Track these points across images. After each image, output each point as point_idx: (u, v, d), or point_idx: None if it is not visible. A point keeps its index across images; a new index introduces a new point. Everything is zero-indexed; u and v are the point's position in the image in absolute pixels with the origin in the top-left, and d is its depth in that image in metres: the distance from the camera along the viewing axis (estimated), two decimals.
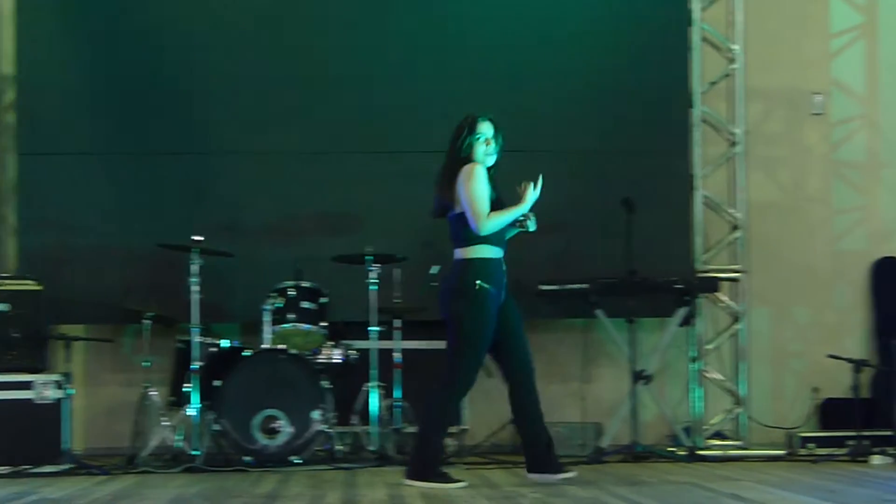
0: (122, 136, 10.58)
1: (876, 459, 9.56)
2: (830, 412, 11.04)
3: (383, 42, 10.78)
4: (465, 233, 7.94)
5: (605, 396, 10.96)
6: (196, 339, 9.45)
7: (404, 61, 10.77)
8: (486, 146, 7.99)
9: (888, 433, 9.93)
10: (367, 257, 9.80)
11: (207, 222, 10.25)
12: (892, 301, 11.29)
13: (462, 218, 7.94)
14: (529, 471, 8.13)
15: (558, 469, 8.11)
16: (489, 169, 8.02)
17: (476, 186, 7.88)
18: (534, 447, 8.11)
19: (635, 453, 9.84)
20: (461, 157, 7.98)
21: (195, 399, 9.36)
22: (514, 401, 8.11)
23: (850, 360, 9.98)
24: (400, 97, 10.73)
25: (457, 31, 10.82)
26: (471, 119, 8.03)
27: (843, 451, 9.90)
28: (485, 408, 10.77)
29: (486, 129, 8.01)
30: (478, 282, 7.88)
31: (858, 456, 9.68)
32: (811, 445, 10.24)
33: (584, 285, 10.13)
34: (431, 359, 10.35)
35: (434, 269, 9.78)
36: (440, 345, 10.28)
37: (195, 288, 9.45)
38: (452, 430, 9.99)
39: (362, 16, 10.82)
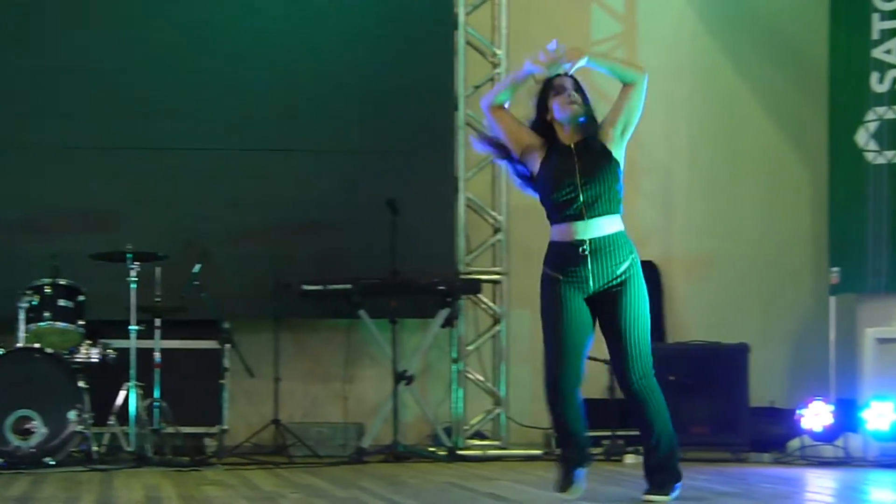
0: None
1: (629, 458, 9.78)
2: (587, 412, 11.20)
3: (147, 37, 10.62)
4: None
5: (367, 397, 10.98)
6: None
7: (167, 57, 10.63)
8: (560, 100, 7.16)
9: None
10: (126, 255, 9.64)
11: None
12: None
13: None
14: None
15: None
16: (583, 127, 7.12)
17: None
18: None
19: (396, 453, 9.88)
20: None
21: None
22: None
23: (605, 362, 10.16)
24: (162, 93, 10.59)
25: (223, 29, 10.72)
26: None
27: (599, 450, 10.09)
28: (246, 408, 10.70)
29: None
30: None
31: (613, 455, 9.89)
32: None
33: (347, 286, 10.14)
34: (191, 358, 10.25)
35: (196, 268, 9.68)
36: (201, 344, 10.27)
37: None
38: (212, 430, 9.92)
39: (126, 9, 10.65)
